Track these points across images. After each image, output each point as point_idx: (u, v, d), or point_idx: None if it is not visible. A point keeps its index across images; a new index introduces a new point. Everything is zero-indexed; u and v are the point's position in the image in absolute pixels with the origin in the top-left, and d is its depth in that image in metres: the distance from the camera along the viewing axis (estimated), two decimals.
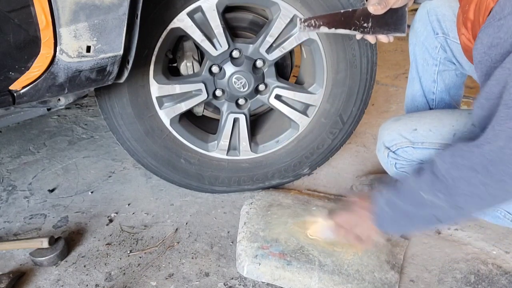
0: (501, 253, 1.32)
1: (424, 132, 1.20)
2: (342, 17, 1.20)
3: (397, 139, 1.23)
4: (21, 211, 1.56)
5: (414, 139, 1.21)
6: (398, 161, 1.26)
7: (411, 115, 1.30)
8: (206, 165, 1.53)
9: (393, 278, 1.21)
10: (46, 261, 1.30)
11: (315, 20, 1.20)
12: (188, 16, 1.27)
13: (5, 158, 1.89)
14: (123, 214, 1.53)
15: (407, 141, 1.21)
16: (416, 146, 1.20)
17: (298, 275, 1.20)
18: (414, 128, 1.22)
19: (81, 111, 2.28)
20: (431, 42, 1.35)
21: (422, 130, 1.20)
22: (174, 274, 1.27)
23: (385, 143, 1.27)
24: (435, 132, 1.18)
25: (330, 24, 1.20)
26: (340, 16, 1.20)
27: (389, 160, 1.27)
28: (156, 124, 1.43)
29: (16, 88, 1.05)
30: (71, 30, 1.00)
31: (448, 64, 1.37)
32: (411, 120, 1.25)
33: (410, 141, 1.21)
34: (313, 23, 1.20)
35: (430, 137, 1.18)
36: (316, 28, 1.21)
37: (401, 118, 1.28)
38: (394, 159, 1.26)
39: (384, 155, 1.28)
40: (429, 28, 1.33)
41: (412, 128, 1.22)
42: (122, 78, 1.20)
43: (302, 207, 1.46)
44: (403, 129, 1.23)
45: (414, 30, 1.37)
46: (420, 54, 1.38)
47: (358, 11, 1.19)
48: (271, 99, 1.47)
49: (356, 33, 1.21)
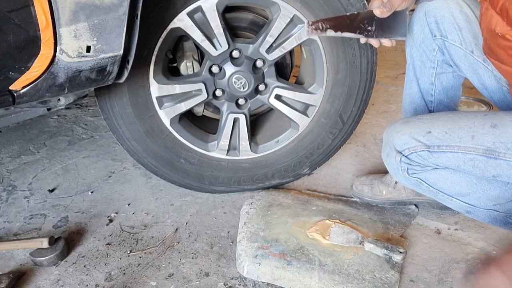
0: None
1: (439, 135, 1.12)
2: (348, 20, 1.21)
3: (410, 143, 1.15)
4: (21, 211, 1.56)
5: (429, 142, 1.12)
6: (411, 166, 1.19)
7: (421, 117, 1.21)
8: (206, 165, 1.53)
9: (393, 278, 1.21)
10: (46, 261, 1.29)
11: (322, 23, 1.20)
12: (188, 16, 1.28)
13: (5, 158, 1.89)
14: (123, 214, 1.53)
15: (421, 145, 1.13)
16: (432, 150, 1.12)
17: (298, 275, 1.20)
18: (428, 130, 1.13)
19: (81, 111, 2.28)
20: (429, 44, 1.34)
21: (437, 133, 1.12)
22: (174, 274, 1.27)
23: (396, 147, 1.18)
24: (452, 134, 1.11)
25: (337, 27, 1.21)
26: (346, 19, 1.21)
27: (400, 165, 1.19)
28: (156, 124, 1.43)
29: (16, 88, 1.05)
30: (71, 30, 1.00)
31: (445, 67, 1.36)
32: (423, 122, 1.17)
33: (425, 144, 1.13)
34: (320, 26, 1.21)
35: (447, 140, 1.11)
36: (323, 31, 1.21)
37: (411, 120, 1.20)
38: (407, 164, 1.18)
39: (395, 160, 1.19)
40: (426, 30, 1.32)
41: (425, 131, 1.14)
42: (122, 78, 1.20)
43: (302, 207, 1.46)
44: (416, 132, 1.15)
45: (410, 31, 1.35)
46: (417, 56, 1.37)
47: (362, 14, 1.20)
48: (271, 99, 1.47)
49: (361, 36, 1.22)
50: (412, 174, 1.21)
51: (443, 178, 1.21)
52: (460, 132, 1.10)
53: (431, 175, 1.21)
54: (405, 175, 1.21)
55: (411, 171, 1.20)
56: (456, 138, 1.10)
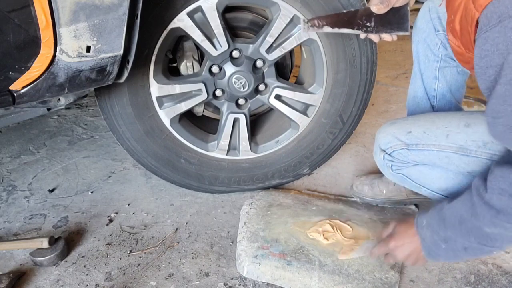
0: (501, 253, 1.32)
1: (418, 134, 1.22)
2: (345, 17, 1.20)
3: (392, 142, 1.26)
4: (21, 211, 1.56)
5: (408, 141, 1.23)
6: (394, 163, 1.29)
7: (407, 118, 1.33)
8: (206, 165, 1.53)
9: (393, 278, 1.21)
10: (46, 261, 1.30)
11: (318, 20, 1.20)
12: (188, 16, 1.27)
13: (5, 158, 1.89)
14: (123, 214, 1.53)
15: (402, 144, 1.24)
16: (410, 148, 1.23)
17: (298, 275, 1.20)
18: (409, 130, 1.24)
19: (81, 111, 2.28)
20: (432, 39, 1.36)
21: (416, 132, 1.22)
22: (174, 274, 1.27)
23: (381, 146, 1.30)
24: (429, 134, 1.20)
25: (334, 24, 1.21)
26: (343, 16, 1.21)
27: (385, 162, 1.30)
28: (156, 124, 1.43)
29: (16, 88, 1.05)
30: (71, 30, 1.00)
31: (449, 61, 1.38)
32: (406, 123, 1.28)
33: (405, 143, 1.23)
34: (316, 23, 1.21)
35: (424, 139, 1.21)
36: (320, 28, 1.21)
37: (397, 122, 1.31)
38: (390, 161, 1.29)
39: (380, 158, 1.31)
40: (430, 26, 1.34)
41: (406, 131, 1.24)
42: (122, 78, 1.20)
43: (302, 207, 1.46)
44: (398, 132, 1.26)
45: (416, 27, 1.39)
46: (422, 51, 1.39)
47: (360, 11, 1.20)
48: (271, 99, 1.47)
49: (360, 32, 1.22)
50: (395, 170, 1.31)
51: (423, 174, 1.29)
52: (437, 131, 1.19)
53: (412, 171, 1.30)
54: (390, 171, 1.32)
55: (394, 167, 1.30)
56: (432, 137, 1.19)
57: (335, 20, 1.21)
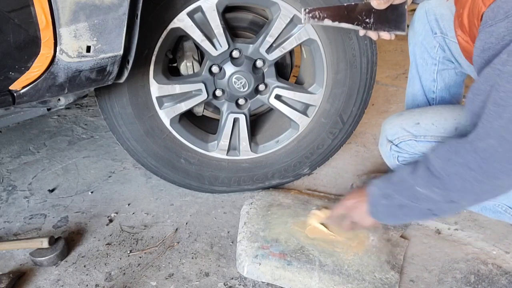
0: (501, 253, 1.32)
1: (426, 126, 1.23)
2: (345, 11, 1.20)
3: (400, 133, 1.27)
4: (21, 211, 1.56)
5: (416, 132, 1.24)
6: (401, 154, 1.29)
7: (413, 110, 1.34)
8: (206, 165, 1.53)
9: (393, 278, 1.21)
10: (46, 261, 1.30)
11: (319, 11, 1.20)
12: (188, 16, 1.27)
13: (5, 158, 1.89)
14: (123, 214, 1.53)
15: (409, 135, 1.25)
16: (418, 139, 1.23)
17: (298, 275, 1.20)
18: (417, 122, 1.25)
19: (81, 111, 2.28)
20: (430, 41, 1.35)
21: (424, 124, 1.23)
22: (174, 274, 1.27)
23: (387, 137, 1.30)
24: (438, 126, 1.21)
25: (334, 17, 1.20)
26: (343, 9, 1.20)
27: (391, 153, 1.30)
28: (156, 124, 1.43)
29: (16, 88, 1.05)
30: (71, 30, 1.00)
31: (447, 63, 1.38)
32: (413, 114, 1.28)
33: (413, 134, 1.24)
34: (317, 14, 1.20)
35: (433, 130, 1.22)
36: (320, 20, 1.20)
37: (404, 113, 1.31)
38: (397, 152, 1.29)
39: (386, 149, 1.31)
40: (427, 28, 1.34)
41: (414, 122, 1.25)
42: (122, 78, 1.20)
43: (302, 207, 1.46)
44: (406, 123, 1.26)
45: (413, 29, 1.38)
46: (419, 53, 1.39)
47: (360, 5, 1.19)
48: (271, 99, 1.47)
49: (359, 28, 1.21)
50: (402, 161, 1.31)
51: None
52: (446, 123, 1.21)
53: None
54: (396, 162, 1.32)
55: (401, 158, 1.30)
56: (441, 129, 1.21)
57: (336, 13, 1.20)
